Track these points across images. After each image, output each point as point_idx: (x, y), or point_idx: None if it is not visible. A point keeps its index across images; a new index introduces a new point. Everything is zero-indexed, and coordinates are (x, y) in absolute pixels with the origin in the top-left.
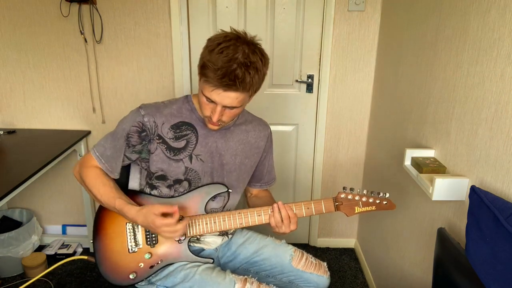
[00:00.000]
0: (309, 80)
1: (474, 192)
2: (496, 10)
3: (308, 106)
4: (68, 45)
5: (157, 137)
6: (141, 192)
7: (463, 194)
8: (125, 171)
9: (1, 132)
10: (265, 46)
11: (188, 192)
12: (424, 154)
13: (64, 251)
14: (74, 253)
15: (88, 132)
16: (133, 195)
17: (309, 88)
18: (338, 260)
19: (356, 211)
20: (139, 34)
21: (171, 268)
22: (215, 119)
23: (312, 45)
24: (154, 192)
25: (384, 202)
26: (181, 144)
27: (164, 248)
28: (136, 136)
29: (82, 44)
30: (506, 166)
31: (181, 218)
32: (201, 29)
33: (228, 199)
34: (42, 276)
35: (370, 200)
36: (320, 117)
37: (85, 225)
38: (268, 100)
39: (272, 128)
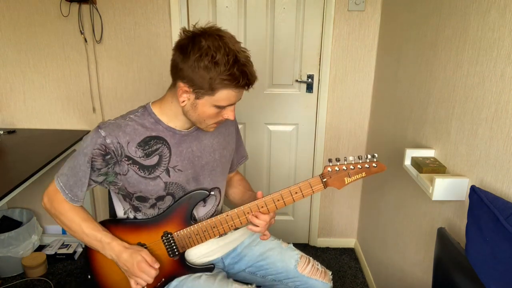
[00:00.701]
0: (309, 80)
1: (474, 192)
2: (496, 10)
3: (308, 106)
4: (68, 45)
5: (126, 159)
6: (122, 220)
7: (463, 194)
8: (110, 201)
9: (1, 132)
10: (265, 46)
11: (171, 207)
12: (424, 154)
13: (64, 251)
14: (74, 253)
15: (88, 132)
16: (113, 224)
17: (309, 88)
18: (338, 260)
19: (347, 182)
20: (139, 34)
21: (173, 284)
22: (234, 117)
23: (312, 45)
24: (139, 215)
25: (374, 165)
26: (153, 160)
27: (162, 267)
28: (100, 159)
29: (82, 44)
30: (506, 166)
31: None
32: None
33: (220, 197)
34: (41, 276)
35: (359, 167)
36: (320, 117)
37: None
38: (268, 100)
39: (272, 128)
